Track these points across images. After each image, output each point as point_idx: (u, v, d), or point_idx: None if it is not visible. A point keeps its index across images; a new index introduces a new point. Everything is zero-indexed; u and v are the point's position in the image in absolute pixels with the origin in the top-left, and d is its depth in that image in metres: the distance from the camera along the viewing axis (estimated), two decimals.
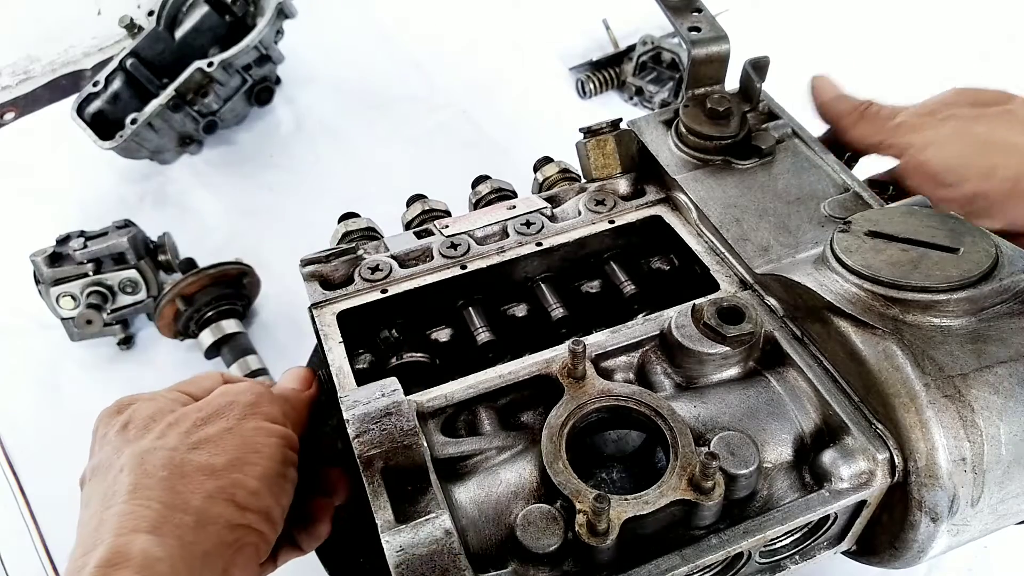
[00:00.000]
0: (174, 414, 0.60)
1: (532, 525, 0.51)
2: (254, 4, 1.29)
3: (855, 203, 0.71)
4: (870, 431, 0.55)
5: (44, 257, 1.02)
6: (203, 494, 0.54)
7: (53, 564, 0.91)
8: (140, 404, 0.62)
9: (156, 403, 0.62)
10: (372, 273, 0.72)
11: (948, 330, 0.55)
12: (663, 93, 1.32)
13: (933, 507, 0.52)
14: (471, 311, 0.73)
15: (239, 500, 0.55)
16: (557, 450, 0.54)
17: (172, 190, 1.29)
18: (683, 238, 0.74)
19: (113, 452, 0.58)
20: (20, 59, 1.49)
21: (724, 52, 0.80)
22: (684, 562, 0.51)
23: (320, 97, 1.41)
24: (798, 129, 0.80)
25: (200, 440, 0.57)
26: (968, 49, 1.42)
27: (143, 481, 0.53)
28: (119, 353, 1.08)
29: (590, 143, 0.81)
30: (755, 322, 0.60)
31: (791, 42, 1.35)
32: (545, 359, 0.62)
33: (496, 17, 1.52)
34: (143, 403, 0.62)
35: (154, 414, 0.60)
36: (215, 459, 0.56)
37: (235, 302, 1.05)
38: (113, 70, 1.22)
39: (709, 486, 0.51)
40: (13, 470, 0.98)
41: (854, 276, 0.58)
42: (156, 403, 0.62)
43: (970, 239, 0.59)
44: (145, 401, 0.62)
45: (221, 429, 0.58)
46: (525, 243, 0.75)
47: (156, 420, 0.59)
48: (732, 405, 0.59)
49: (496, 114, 1.35)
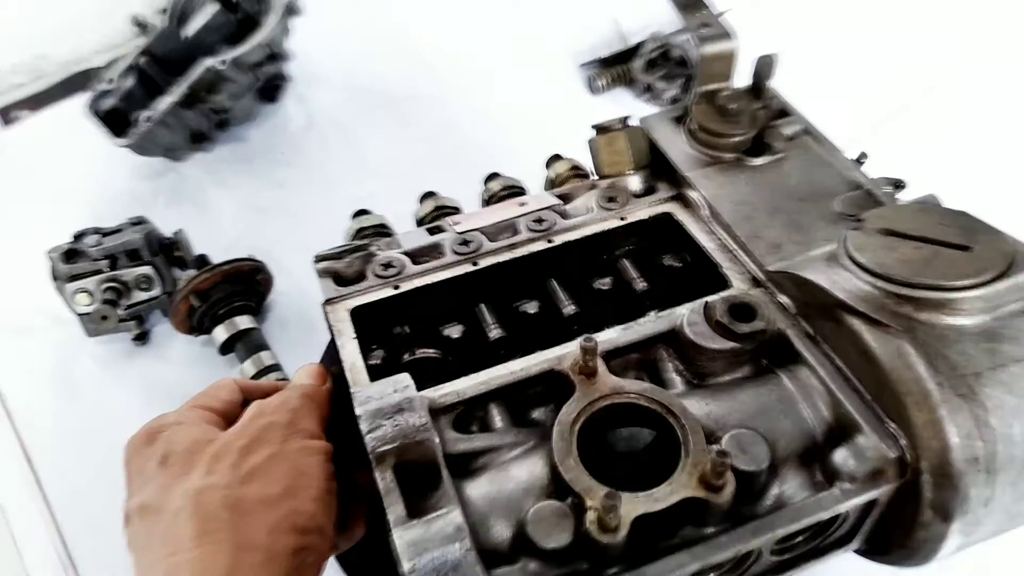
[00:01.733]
0: (213, 445, 0.58)
1: (543, 522, 0.51)
2: (262, 2, 1.29)
3: (867, 201, 0.71)
4: (882, 430, 0.55)
5: (60, 254, 1.03)
6: (267, 528, 0.53)
7: (71, 559, 0.92)
8: (172, 432, 0.60)
9: (189, 430, 0.59)
10: (385, 269, 0.73)
11: (961, 329, 0.55)
12: (673, 90, 1.32)
13: (944, 507, 0.52)
14: (483, 307, 0.74)
15: (299, 526, 0.54)
16: (568, 447, 0.54)
17: (185, 187, 1.30)
18: (694, 235, 0.74)
19: (161, 491, 0.55)
20: (32, 57, 1.50)
21: (732, 49, 0.80)
22: (694, 560, 0.51)
23: (330, 94, 1.41)
24: (809, 126, 0.80)
25: (250, 472, 0.55)
26: (972, 45, 1.40)
27: (207, 526, 0.52)
28: (134, 348, 1.09)
29: (601, 140, 0.81)
30: (767, 320, 0.60)
31: (791, 43, 1.33)
32: (556, 356, 0.62)
33: (505, 13, 1.52)
34: (174, 430, 0.60)
35: (192, 445, 0.58)
36: (270, 489, 0.55)
37: (248, 298, 1.06)
38: (125, 68, 1.23)
39: (720, 484, 0.51)
40: (31, 465, 1.00)
41: (867, 274, 0.58)
42: (189, 430, 0.59)
43: (983, 237, 0.58)
44: (175, 427, 0.60)
45: (267, 456, 0.56)
46: (536, 240, 0.75)
47: (197, 452, 0.57)
48: (743, 403, 0.59)
49: (505, 111, 1.35)
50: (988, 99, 1.30)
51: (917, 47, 1.39)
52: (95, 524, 0.94)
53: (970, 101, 1.31)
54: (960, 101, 1.31)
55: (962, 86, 1.34)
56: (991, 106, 1.29)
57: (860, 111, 1.27)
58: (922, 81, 1.36)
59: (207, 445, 0.57)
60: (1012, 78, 1.34)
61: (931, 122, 1.28)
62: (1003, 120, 1.28)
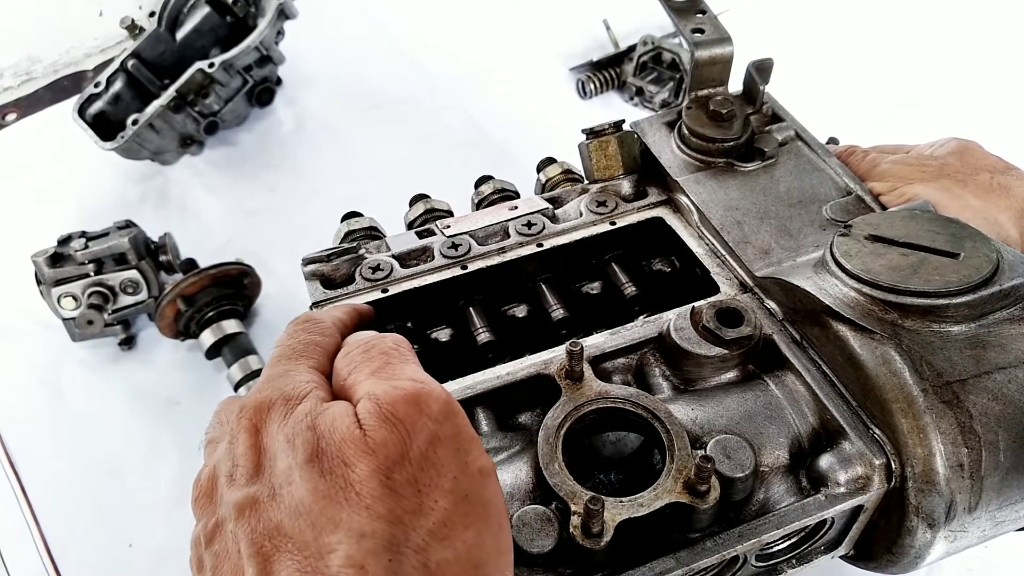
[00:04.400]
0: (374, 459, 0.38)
1: (527, 526, 0.51)
2: (255, 5, 1.29)
3: (857, 207, 0.71)
4: (867, 436, 0.55)
5: (45, 258, 1.02)
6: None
7: (55, 564, 0.91)
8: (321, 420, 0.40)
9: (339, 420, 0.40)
10: (373, 272, 0.72)
11: (947, 335, 0.55)
12: (663, 93, 1.32)
13: (930, 513, 0.52)
14: (471, 311, 0.73)
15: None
16: (553, 451, 0.54)
17: (173, 191, 1.29)
18: (684, 240, 0.74)
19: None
20: (22, 60, 1.49)
21: (728, 54, 0.80)
22: (679, 565, 0.51)
23: (321, 98, 1.41)
24: (801, 132, 0.80)
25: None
26: (971, 46, 1.41)
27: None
28: (120, 353, 1.09)
29: (592, 144, 0.81)
30: (754, 325, 0.60)
31: (791, 42, 1.34)
32: (543, 360, 0.62)
33: (496, 17, 1.52)
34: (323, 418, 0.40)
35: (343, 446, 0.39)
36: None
37: (236, 302, 1.05)
38: (114, 71, 1.22)
39: (704, 489, 0.50)
40: (15, 470, 0.99)
41: (853, 280, 0.58)
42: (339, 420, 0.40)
43: (971, 244, 0.58)
44: (323, 413, 0.41)
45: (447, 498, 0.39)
46: (526, 244, 0.75)
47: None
48: (729, 408, 0.58)
49: (497, 114, 1.35)
50: (971, 109, 1.31)
51: (914, 50, 1.40)
52: (79, 529, 0.93)
53: (953, 110, 1.31)
54: (944, 110, 1.32)
55: (946, 95, 1.35)
56: (974, 115, 1.30)
57: (850, 116, 1.28)
58: (923, 81, 1.36)
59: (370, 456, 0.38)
60: (996, 87, 1.35)
61: (914, 132, 1.29)
62: (985, 130, 1.29)
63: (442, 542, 0.37)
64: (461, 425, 0.42)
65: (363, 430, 0.39)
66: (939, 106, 1.33)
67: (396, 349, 0.46)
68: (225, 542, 0.39)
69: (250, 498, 0.38)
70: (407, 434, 0.39)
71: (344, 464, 0.37)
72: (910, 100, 1.35)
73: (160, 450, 0.98)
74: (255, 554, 0.36)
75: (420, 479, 0.38)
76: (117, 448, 0.99)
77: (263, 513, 0.38)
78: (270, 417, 0.41)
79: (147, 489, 0.95)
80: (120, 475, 0.97)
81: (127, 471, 0.97)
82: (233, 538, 0.38)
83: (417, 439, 0.39)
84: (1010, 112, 1.31)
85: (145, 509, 0.93)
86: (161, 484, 0.96)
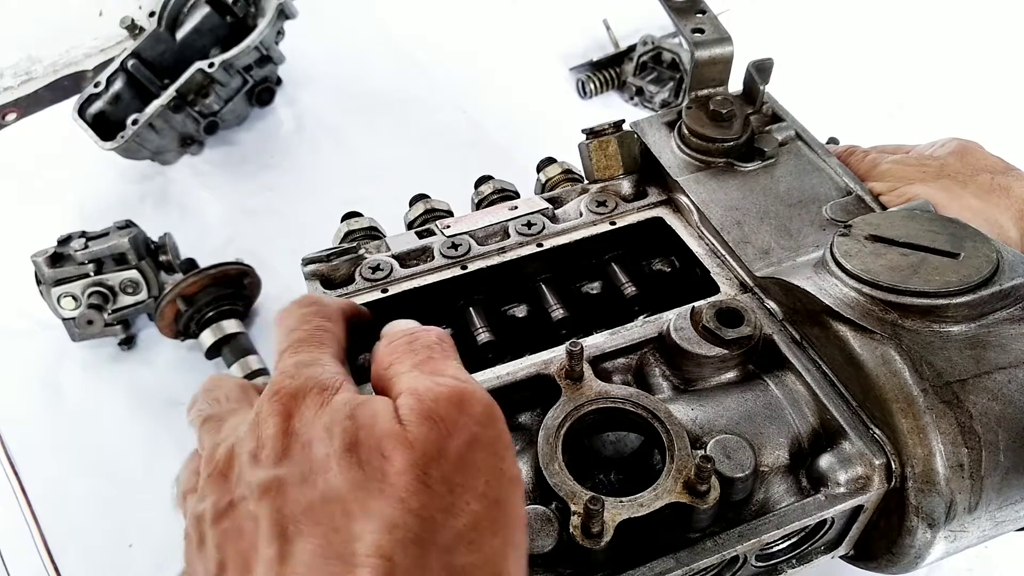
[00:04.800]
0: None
1: (527, 526, 0.51)
2: (255, 5, 1.29)
3: (857, 206, 0.71)
4: (867, 436, 0.55)
5: (45, 258, 1.02)
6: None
7: (55, 564, 0.91)
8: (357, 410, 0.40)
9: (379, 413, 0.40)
10: (373, 272, 0.72)
11: (947, 335, 0.55)
12: (664, 93, 1.32)
13: (930, 513, 0.52)
14: (471, 311, 0.73)
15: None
16: (553, 451, 0.54)
17: (173, 191, 1.29)
18: (684, 240, 0.74)
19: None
20: (22, 60, 1.49)
21: (728, 54, 0.80)
22: (679, 565, 0.51)
23: (321, 97, 1.41)
24: (801, 132, 0.80)
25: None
26: (971, 44, 1.41)
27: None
28: (120, 353, 1.08)
29: (592, 144, 0.81)
30: (754, 325, 0.60)
31: (791, 42, 1.35)
32: (543, 360, 0.62)
33: (496, 17, 1.52)
34: (360, 408, 0.40)
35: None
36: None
37: (236, 302, 1.05)
38: (114, 71, 1.22)
39: (704, 489, 0.50)
40: (15, 470, 0.99)
41: (853, 280, 0.58)
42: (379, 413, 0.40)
43: (971, 244, 0.58)
44: (361, 404, 0.41)
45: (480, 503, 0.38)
46: (526, 244, 0.75)
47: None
48: (729, 408, 0.58)
49: (496, 114, 1.35)
50: (971, 109, 1.31)
51: (915, 50, 1.40)
52: (79, 529, 0.93)
53: (953, 110, 1.31)
54: (944, 110, 1.32)
55: (946, 95, 1.35)
56: (975, 115, 1.30)
57: (850, 116, 1.28)
58: (923, 81, 1.36)
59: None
60: (996, 87, 1.35)
61: (914, 132, 1.29)
62: (985, 130, 1.29)
63: (469, 546, 0.37)
64: (501, 430, 0.41)
65: (403, 425, 0.39)
66: (939, 106, 1.33)
67: (440, 344, 0.46)
68: (238, 520, 0.39)
69: (276, 479, 0.38)
70: (447, 432, 0.39)
71: (382, 456, 0.37)
72: (910, 100, 1.35)
73: (160, 450, 0.97)
74: (277, 535, 0.36)
75: (455, 479, 0.38)
76: (117, 448, 0.99)
77: (290, 496, 0.37)
78: (305, 404, 0.41)
79: (147, 489, 0.95)
80: (120, 475, 0.96)
81: (127, 471, 0.97)
82: (251, 517, 0.38)
83: (456, 439, 0.39)
84: (1010, 112, 1.31)
85: (145, 509, 0.93)
86: (161, 484, 0.96)
